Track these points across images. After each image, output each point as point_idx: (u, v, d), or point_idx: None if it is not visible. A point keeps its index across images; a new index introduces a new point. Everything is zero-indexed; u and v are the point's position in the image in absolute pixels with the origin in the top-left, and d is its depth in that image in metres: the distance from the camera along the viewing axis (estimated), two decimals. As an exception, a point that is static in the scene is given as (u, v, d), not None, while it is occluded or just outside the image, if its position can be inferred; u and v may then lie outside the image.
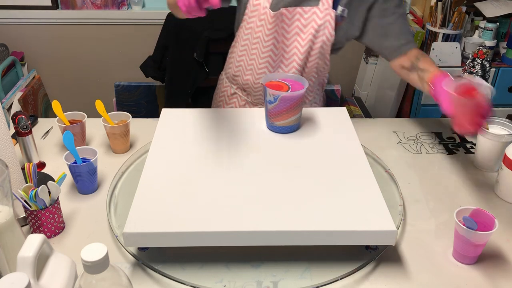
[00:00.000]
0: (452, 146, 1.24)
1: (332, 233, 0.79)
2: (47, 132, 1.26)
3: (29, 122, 1.04)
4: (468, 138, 1.27)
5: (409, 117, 2.17)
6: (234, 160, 0.96)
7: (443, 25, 2.12)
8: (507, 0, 2.19)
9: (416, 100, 2.13)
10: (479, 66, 1.34)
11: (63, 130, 1.11)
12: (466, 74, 1.35)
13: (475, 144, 1.19)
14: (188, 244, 0.79)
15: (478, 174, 1.13)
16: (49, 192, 0.87)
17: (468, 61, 1.36)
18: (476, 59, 1.34)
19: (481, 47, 1.35)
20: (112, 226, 0.90)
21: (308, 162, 0.97)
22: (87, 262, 0.58)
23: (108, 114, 1.15)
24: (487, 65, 1.34)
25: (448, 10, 2.08)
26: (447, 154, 1.20)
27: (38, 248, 0.65)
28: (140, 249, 0.85)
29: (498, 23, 2.13)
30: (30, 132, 1.05)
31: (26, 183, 0.91)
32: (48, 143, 1.21)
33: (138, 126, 1.26)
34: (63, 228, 0.92)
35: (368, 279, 0.82)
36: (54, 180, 0.89)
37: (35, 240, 0.66)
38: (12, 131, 1.13)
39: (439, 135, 1.29)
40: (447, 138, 1.28)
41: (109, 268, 0.60)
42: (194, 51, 1.82)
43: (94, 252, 0.59)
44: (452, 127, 0.91)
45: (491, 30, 2.12)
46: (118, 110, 1.67)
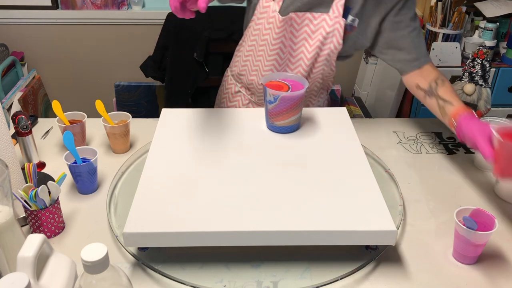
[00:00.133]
0: (452, 146, 1.24)
1: (332, 233, 0.79)
2: (47, 132, 1.26)
3: (29, 122, 1.04)
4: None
5: (409, 117, 2.17)
6: (234, 160, 0.96)
7: (443, 25, 2.12)
8: (507, 0, 2.19)
9: (416, 100, 2.12)
10: (479, 66, 1.34)
11: (63, 130, 1.11)
12: (467, 75, 1.35)
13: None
14: (188, 244, 0.79)
15: (478, 174, 1.12)
16: (49, 192, 0.87)
17: (468, 61, 1.36)
18: (476, 59, 1.34)
19: (481, 47, 1.35)
20: (112, 226, 0.90)
21: (308, 162, 0.97)
22: (87, 262, 0.58)
23: (108, 114, 1.15)
24: (487, 65, 1.34)
25: (448, 10, 2.08)
26: (447, 154, 1.20)
27: (38, 248, 0.65)
28: (140, 249, 0.85)
29: (498, 23, 2.13)
30: (30, 132, 1.05)
31: (26, 183, 0.91)
32: (48, 143, 1.21)
33: (138, 126, 1.26)
34: (63, 228, 0.92)
35: (368, 279, 0.82)
36: (54, 180, 0.89)
37: (35, 240, 0.66)
38: (12, 131, 1.13)
39: (439, 135, 1.29)
40: (447, 138, 1.28)
41: (109, 268, 0.60)
42: (194, 51, 1.82)
43: (94, 252, 0.59)
44: (493, 172, 0.88)
45: (491, 30, 2.12)
46: (118, 110, 1.68)
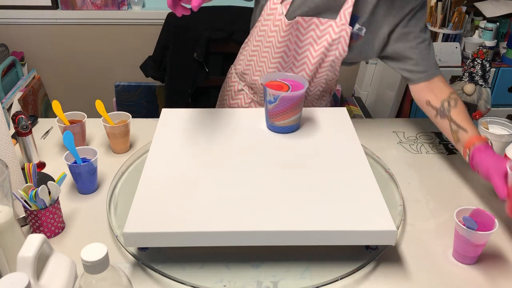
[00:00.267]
0: (452, 146, 1.24)
1: (332, 233, 0.79)
2: (47, 132, 1.26)
3: (29, 122, 1.04)
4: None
5: (409, 117, 2.17)
6: (234, 160, 0.96)
7: (443, 25, 2.12)
8: (507, 0, 2.19)
9: (416, 100, 2.12)
10: (479, 66, 1.34)
11: (63, 130, 1.11)
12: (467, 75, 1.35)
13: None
14: (188, 244, 0.79)
15: (478, 174, 1.12)
16: (49, 192, 0.87)
17: (468, 61, 1.36)
18: (476, 59, 1.34)
19: (481, 47, 1.35)
20: (112, 226, 0.90)
21: (308, 162, 0.97)
22: (87, 262, 0.58)
23: (108, 114, 1.15)
24: (487, 65, 1.34)
25: (448, 10, 2.08)
26: (447, 154, 1.20)
27: (38, 248, 0.65)
28: (140, 249, 0.85)
29: (498, 23, 2.13)
30: (30, 132, 1.05)
31: (26, 183, 0.91)
32: (48, 143, 1.21)
33: (138, 126, 1.26)
34: (63, 228, 0.92)
35: (368, 279, 0.82)
36: (54, 180, 0.89)
37: (35, 240, 0.66)
38: (12, 131, 1.13)
39: (439, 135, 1.29)
40: (447, 138, 1.27)
41: (109, 268, 0.60)
42: (194, 51, 1.82)
43: (94, 252, 0.59)
44: (506, 210, 0.88)
45: (491, 30, 2.12)
46: (118, 110, 1.67)
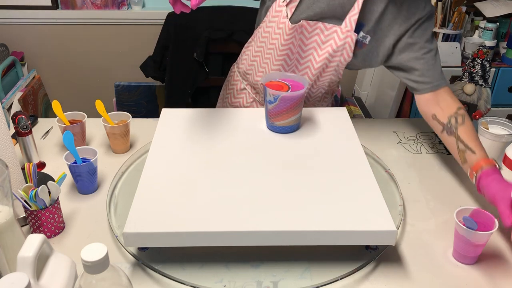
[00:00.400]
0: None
1: (332, 233, 0.79)
2: (47, 132, 1.26)
3: (29, 122, 1.04)
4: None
5: (409, 117, 2.17)
6: (234, 160, 0.96)
7: (443, 25, 2.12)
8: (507, 0, 2.19)
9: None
10: (479, 66, 1.34)
11: (63, 130, 1.11)
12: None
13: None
14: (188, 244, 0.79)
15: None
16: (49, 192, 0.87)
17: (468, 61, 1.36)
18: (476, 59, 1.34)
19: (481, 47, 1.35)
20: (112, 226, 0.90)
21: (308, 162, 0.97)
22: (87, 262, 0.58)
23: (108, 114, 1.15)
24: (487, 65, 1.34)
25: (448, 10, 2.08)
26: (447, 154, 1.20)
27: (38, 248, 0.65)
28: (140, 249, 0.85)
29: (498, 23, 2.13)
30: (30, 132, 1.05)
31: (26, 183, 0.91)
32: (48, 143, 1.21)
33: (138, 126, 1.26)
34: (63, 228, 0.92)
35: (368, 279, 0.82)
36: (54, 180, 0.89)
37: (35, 240, 0.66)
38: (12, 131, 1.13)
39: (439, 135, 1.29)
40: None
41: (109, 268, 0.60)
42: (194, 51, 1.82)
43: (94, 252, 0.59)
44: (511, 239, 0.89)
45: (491, 30, 2.13)
46: (118, 110, 1.68)
